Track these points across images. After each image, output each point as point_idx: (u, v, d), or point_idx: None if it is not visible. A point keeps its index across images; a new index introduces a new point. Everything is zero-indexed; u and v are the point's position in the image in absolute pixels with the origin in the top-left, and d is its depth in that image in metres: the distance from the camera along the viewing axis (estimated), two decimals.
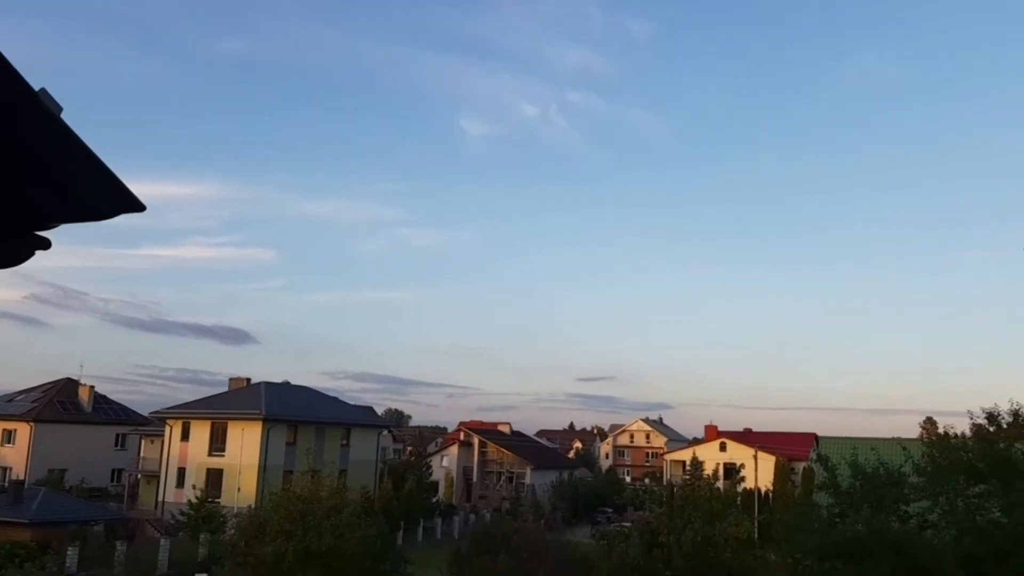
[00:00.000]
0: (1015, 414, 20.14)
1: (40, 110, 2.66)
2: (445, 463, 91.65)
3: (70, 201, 2.97)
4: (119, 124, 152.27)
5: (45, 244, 3.13)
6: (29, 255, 3.14)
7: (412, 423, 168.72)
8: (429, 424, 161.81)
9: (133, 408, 79.42)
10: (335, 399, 75.61)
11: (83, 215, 3.09)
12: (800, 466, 68.75)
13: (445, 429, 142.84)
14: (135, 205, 2.97)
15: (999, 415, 20.24)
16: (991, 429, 20.34)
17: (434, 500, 71.44)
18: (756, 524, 34.86)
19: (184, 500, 54.09)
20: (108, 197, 2.95)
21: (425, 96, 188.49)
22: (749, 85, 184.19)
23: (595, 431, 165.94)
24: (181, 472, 60.18)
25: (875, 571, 13.32)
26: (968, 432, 20.92)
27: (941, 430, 22.56)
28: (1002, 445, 19.19)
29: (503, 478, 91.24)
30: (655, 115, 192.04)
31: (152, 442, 66.16)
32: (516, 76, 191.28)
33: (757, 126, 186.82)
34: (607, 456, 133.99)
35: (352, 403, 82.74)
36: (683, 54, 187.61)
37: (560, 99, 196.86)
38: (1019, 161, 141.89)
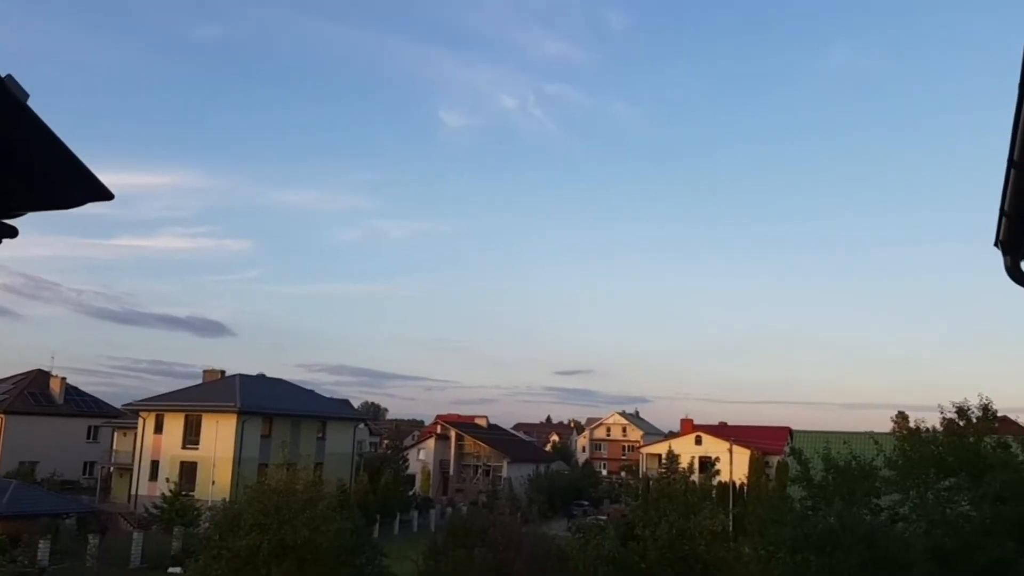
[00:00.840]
0: (985, 408, 20.46)
1: (6, 97, 2.61)
2: (422, 456, 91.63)
3: (37, 189, 2.91)
4: (89, 111, 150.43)
5: (11, 232, 3.07)
6: None
7: (389, 416, 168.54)
8: (406, 417, 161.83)
9: (106, 400, 78.64)
10: (311, 392, 75.25)
11: (50, 203, 3.04)
12: (775, 460, 69.48)
13: (422, 422, 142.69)
14: (103, 193, 2.92)
15: (969, 410, 20.55)
16: (961, 424, 20.64)
17: (411, 493, 71.42)
18: (731, 517, 35.18)
19: (158, 493, 53.67)
20: (75, 185, 2.90)
21: (403, 86, 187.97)
22: (727, 75, 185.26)
23: (572, 424, 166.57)
24: (155, 465, 59.66)
25: (846, 563, 13.49)
26: (939, 426, 21.21)
27: (912, 424, 22.83)
28: (972, 439, 19.48)
29: (480, 471, 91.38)
30: (632, 106, 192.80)
31: (125, 435, 65.53)
32: (494, 67, 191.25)
33: (733, 117, 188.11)
34: (584, 449, 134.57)
35: (328, 396, 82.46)
36: (661, 45, 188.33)
37: (538, 90, 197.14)
38: (989, 152, 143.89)
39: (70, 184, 2.91)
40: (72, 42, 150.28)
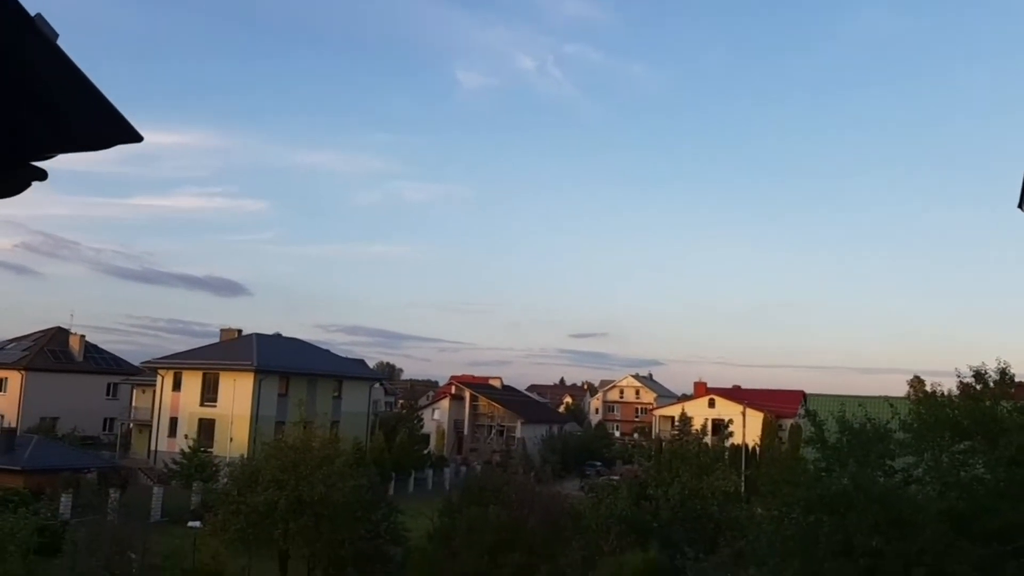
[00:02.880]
0: (1002, 373, 20.34)
1: (37, 35, 2.60)
2: (436, 416, 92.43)
3: (66, 130, 2.91)
4: (106, 67, 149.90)
5: (42, 175, 3.08)
6: (25, 186, 3.08)
7: (404, 377, 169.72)
8: (421, 378, 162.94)
9: (124, 358, 79.56)
10: (327, 351, 75.85)
11: (80, 144, 3.04)
12: (788, 423, 69.58)
13: (436, 383, 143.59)
14: (131, 135, 2.91)
15: (986, 373, 20.43)
16: (978, 388, 20.54)
17: (425, 452, 72.18)
18: (743, 478, 35.42)
19: (176, 449, 54.53)
20: (105, 126, 2.90)
21: (420, 46, 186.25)
22: (748, 36, 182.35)
23: (585, 387, 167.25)
24: (173, 422, 60.54)
25: (859, 523, 13.53)
26: (955, 391, 21.14)
27: (928, 388, 22.76)
28: (988, 403, 19.41)
29: (494, 431, 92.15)
30: (652, 67, 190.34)
31: (144, 392, 66.39)
32: (512, 27, 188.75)
33: (755, 79, 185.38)
34: (597, 411, 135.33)
35: (344, 356, 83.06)
36: (682, 3, 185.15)
37: (557, 51, 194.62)
38: (1008, 119, 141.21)
39: (100, 125, 2.91)
40: None
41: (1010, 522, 13.89)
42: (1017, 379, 21.29)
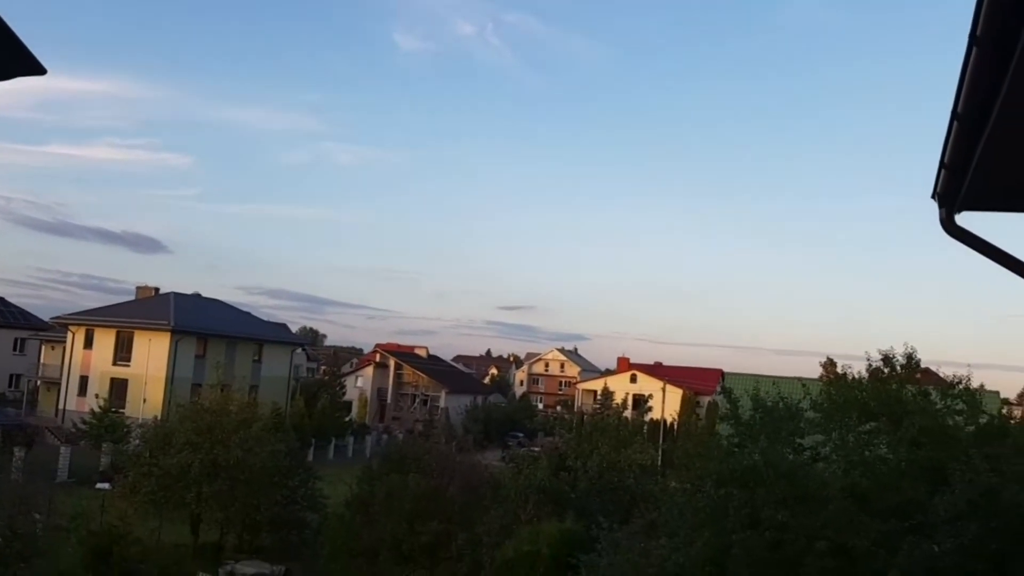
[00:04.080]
0: (909, 357, 21.24)
1: None
2: (360, 384, 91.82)
3: None
4: (21, 5, 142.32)
5: None
6: None
7: (328, 343, 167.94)
8: (345, 345, 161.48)
9: (33, 313, 76.42)
10: (248, 314, 74.33)
11: None
12: (706, 400, 71.49)
13: (361, 351, 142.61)
14: (34, 67, 2.71)
15: (894, 358, 21.30)
16: (886, 371, 21.40)
17: (347, 420, 71.70)
18: (660, 452, 36.26)
19: (86, 409, 52.86)
20: (5, 56, 2.69)
21: (357, 4, 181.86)
22: (686, 16, 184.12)
23: (511, 359, 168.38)
24: (84, 380, 58.60)
25: (767, 497, 13.97)
26: (864, 373, 21.96)
27: (839, 370, 23.61)
28: (894, 386, 20.23)
29: (417, 400, 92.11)
30: (591, 40, 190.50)
31: (53, 348, 64.06)
32: None
33: (688, 57, 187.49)
34: (522, 384, 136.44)
35: (266, 320, 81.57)
36: None
37: (496, 18, 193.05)
38: (927, 108, 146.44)
39: (1, 56, 2.70)
40: None
41: (909, 499, 14.52)
42: (922, 364, 22.27)
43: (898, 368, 21.23)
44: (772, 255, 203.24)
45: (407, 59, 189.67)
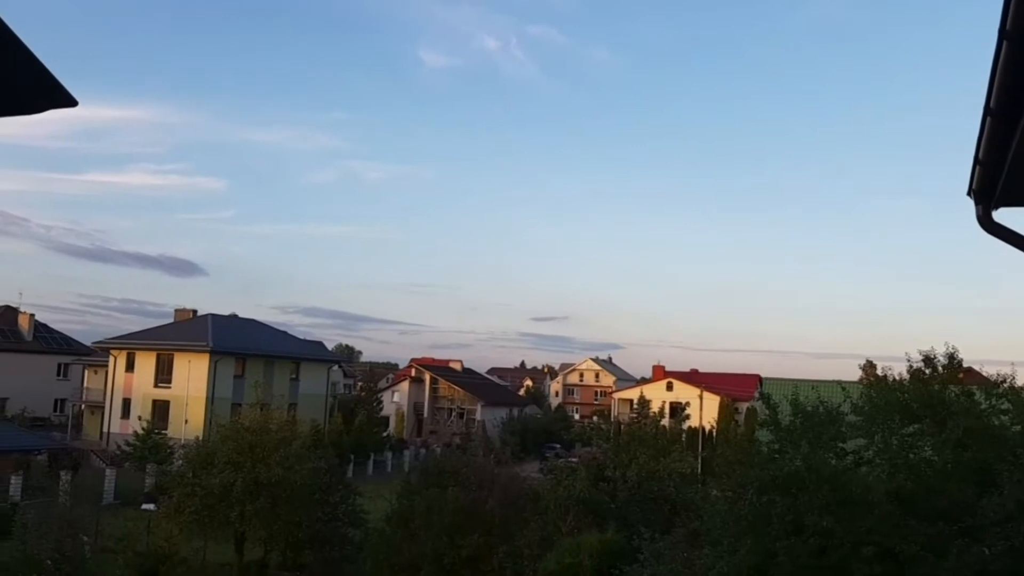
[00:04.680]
0: (950, 357, 20.83)
1: None
2: (396, 399, 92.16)
3: None
4: (57, 39, 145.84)
5: None
6: None
7: (363, 359, 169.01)
8: (380, 360, 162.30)
9: (76, 338, 77.96)
10: (284, 333, 75.12)
11: (11, 108, 2.90)
12: (744, 406, 70.67)
13: (396, 366, 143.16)
14: (66, 99, 2.78)
15: (935, 358, 20.91)
16: (927, 372, 21.03)
17: (384, 435, 71.98)
18: (699, 460, 35.88)
19: (130, 431, 53.68)
20: (37, 90, 2.76)
21: (382, 23, 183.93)
22: (704, 25, 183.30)
23: (546, 370, 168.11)
24: (126, 403, 59.55)
25: (810, 503, 13.78)
26: (906, 375, 21.58)
27: (879, 372, 23.23)
28: (937, 387, 19.87)
29: (454, 414, 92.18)
30: (613, 51, 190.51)
31: (96, 372, 65.17)
32: (476, 6, 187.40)
33: (709, 67, 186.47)
34: (557, 394, 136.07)
35: (302, 338, 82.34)
36: None
37: (520, 31, 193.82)
38: (958, 106, 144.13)
39: (32, 89, 2.77)
40: None
41: (956, 502, 14.23)
42: (965, 364, 21.84)
43: (940, 368, 20.85)
44: (808, 258, 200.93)
45: (433, 75, 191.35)
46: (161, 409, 57.65)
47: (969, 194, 4.72)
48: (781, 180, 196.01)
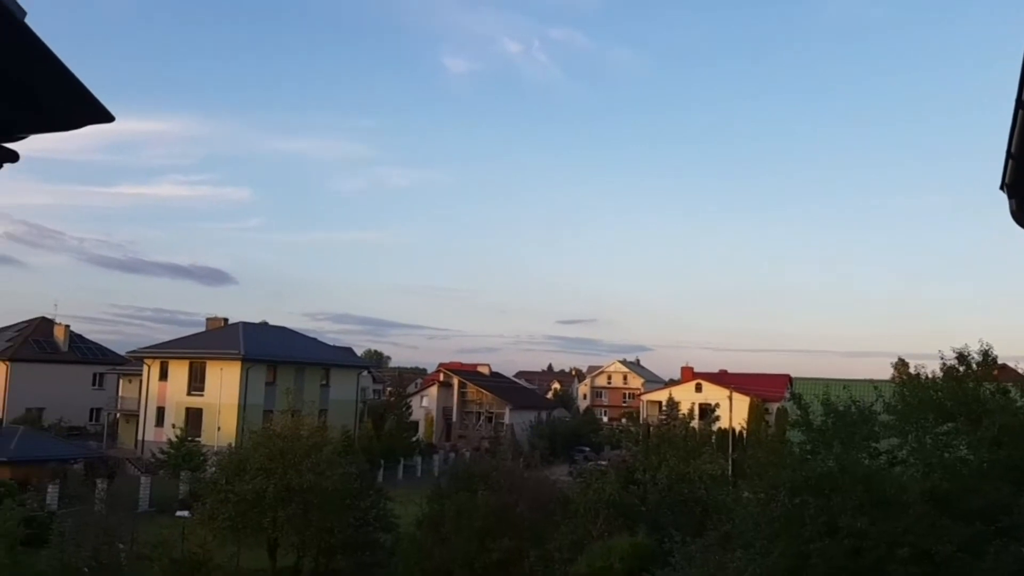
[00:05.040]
0: (985, 354, 20.53)
1: (3, 15, 2.55)
2: (425, 404, 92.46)
3: (36, 110, 2.86)
4: (87, 54, 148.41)
5: (13, 157, 3.03)
6: None
7: (392, 364, 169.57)
8: (409, 365, 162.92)
9: (110, 348, 79.14)
10: (314, 340, 75.70)
11: (51, 125, 2.99)
12: (774, 406, 70.01)
13: (425, 370, 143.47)
14: (103, 115, 2.87)
15: (969, 356, 20.61)
16: (961, 370, 20.72)
17: (414, 439, 72.22)
18: (730, 461, 35.64)
19: (164, 439, 54.37)
20: (75, 106, 2.85)
21: (405, 30, 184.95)
22: (729, 24, 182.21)
23: (573, 372, 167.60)
24: (160, 411, 60.35)
25: (844, 504, 13.64)
26: (939, 373, 21.30)
27: (912, 371, 22.93)
28: (971, 385, 19.59)
29: (482, 418, 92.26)
30: (637, 52, 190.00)
31: (130, 381, 66.10)
32: (498, 11, 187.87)
33: (737, 65, 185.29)
34: (585, 397, 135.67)
35: (331, 344, 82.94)
36: None
37: (543, 35, 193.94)
38: (989, 101, 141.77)
39: (70, 105, 2.86)
40: None
41: (992, 501, 14.03)
42: (999, 360, 21.51)
43: (974, 366, 20.56)
44: (837, 257, 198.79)
45: (457, 81, 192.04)
46: (194, 417, 58.34)
47: (1002, 188, 4.68)
48: (808, 179, 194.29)
